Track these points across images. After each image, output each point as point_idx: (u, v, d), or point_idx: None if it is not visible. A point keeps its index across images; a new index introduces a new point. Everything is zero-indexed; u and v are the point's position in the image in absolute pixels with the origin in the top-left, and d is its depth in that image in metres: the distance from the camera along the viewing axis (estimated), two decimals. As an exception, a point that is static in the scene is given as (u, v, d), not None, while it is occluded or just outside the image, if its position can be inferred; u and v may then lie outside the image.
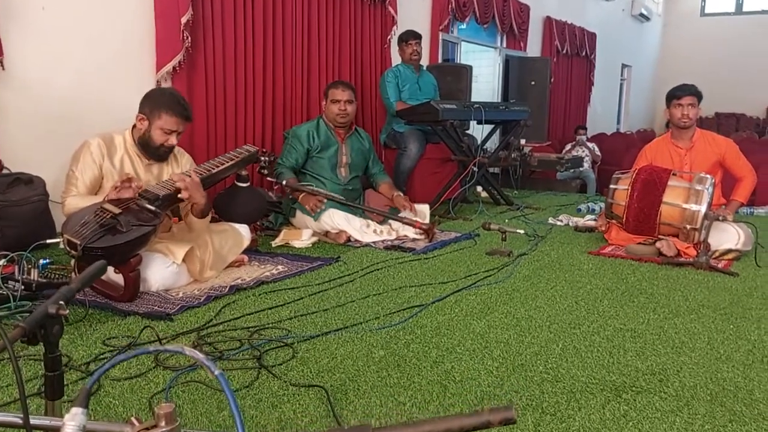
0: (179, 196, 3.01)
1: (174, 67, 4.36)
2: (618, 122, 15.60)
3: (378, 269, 3.47)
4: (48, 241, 3.10)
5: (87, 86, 4.08)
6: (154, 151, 3.12)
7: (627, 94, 15.87)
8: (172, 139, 3.08)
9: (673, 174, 3.96)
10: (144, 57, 4.34)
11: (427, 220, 4.47)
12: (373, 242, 4.11)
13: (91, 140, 3.05)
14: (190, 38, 4.39)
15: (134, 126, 3.13)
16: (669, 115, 4.29)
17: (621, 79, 15.31)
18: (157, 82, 4.34)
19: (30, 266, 2.76)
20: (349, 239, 4.14)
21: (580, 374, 2.11)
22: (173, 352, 1.31)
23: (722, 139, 4.33)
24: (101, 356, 2.17)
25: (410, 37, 5.80)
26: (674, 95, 4.24)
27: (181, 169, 3.28)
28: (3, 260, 2.73)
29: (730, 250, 3.88)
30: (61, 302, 1.13)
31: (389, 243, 4.11)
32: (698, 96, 4.22)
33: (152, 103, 3.06)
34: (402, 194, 4.59)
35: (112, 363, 0.95)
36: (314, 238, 4.13)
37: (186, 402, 1.85)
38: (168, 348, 0.93)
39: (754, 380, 2.10)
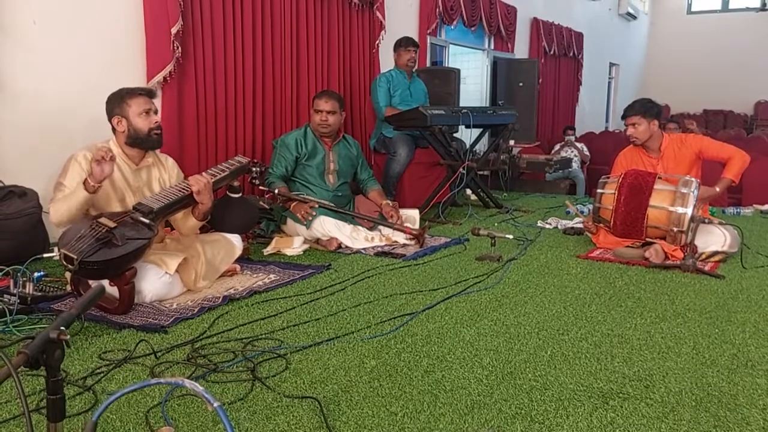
0: (193, 190, 3.11)
1: (164, 77, 4.38)
2: (606, 121, 15.70)
3: (369, 277, 3.51)
4: (45, 255, 3.12)
5: (78, 98, 4.10)
6: (147, 141, 3.16)
7: (615, 93, 15.96)
8: (153, 117, 3.16)
9: (659, 177, 4.02)
10: (134, 68, 4.37)
11: (418, 225, 4.51)
12: (364, 249, 4.15)
13: (78, 153, 3.07)
14: (180, 48, 4.42)
15: (115, 133, 3.17)
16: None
17: (609, 78, 15.41)
18: (148, 92, 4.37)
19: (25, 279, 2.79)
20: (339, 246, 4.17)
21: (568, 381, 2.16)
22: (173, 385, 1.34)
23: (691, 137, 4.42)
24: (97, 370, 2.20)
25: (409, 44, 5.82)
26: (622, 117, 4.40)
27: (168, 172, 3.35)
28: (-1, 274, 2.77)
29: (716, 252, 3.93)
30: (62, 327, 1.17)
31: (379, 249, 4.15)
32: (643, 113, 4.28)
33: (115, 101, 3.13)
34: (390, 203, 4.61)
35: (119, 395, 0.99)
36: (305, 246, 4.16)
37: (181, 415, 1.88)
38: (169, 380, 0.97)
39: (738, 385, 2.15)
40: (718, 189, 4.17)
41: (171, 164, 3.41)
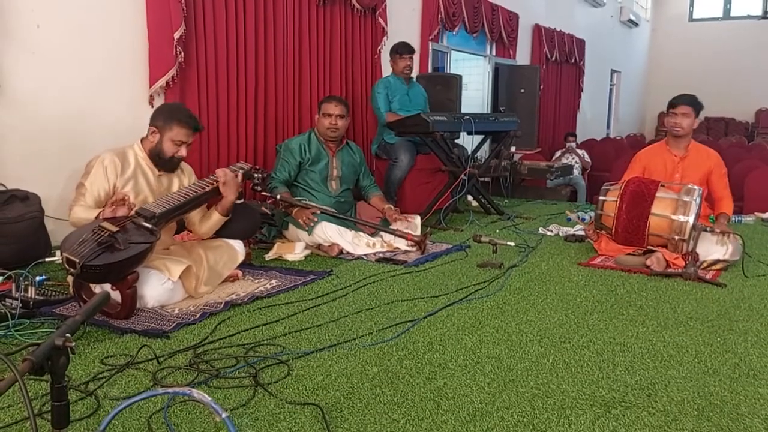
0: (218, 184, 3.26)
1: (167, 82, 4.39)
2: (608, 127, 15.73)
3: (370, 283, 3.51)
4: (47, 259, 3.13)
5: (81, 102, 4.11)
6: (165, 162, 3.24)
7: (616, 100, 16.00)
8: (183, 151, 3.22)
9: (662, 185, 4.02)
10: (137, 72, 4.38)
11: (419, 231, 4.51)
12: (365, 255, 4.15)
13: (105, 155, 3.12)
14: (182, 53, 4.43)
15: (143, 139, 3.24)
16: (666, 123, 4.39)
17: (610, 85, 15.44)
18: (151, 96, 4.38)
19: (27, 283, 2.80)
20: (341, 252, 4.17)
21: (570, 389, 2.16)
22: (181, 395, 1.35)
23: (714, 153, 4.40)
24: (99, 375, 2.20)
25: (404, 51, 5.82)
26: (670, 104, 4.33)
27: (188, 179, 3.42)
28: (1, 278, 2.76)
29: (718, 261, 3.92)
30: (68, 335, 1.17)
31: (381, 255, 4.15)
32: (694, 106, 4.27)
33: (164, 116, 3.20)
34: (393, 207, 4.63)
35: (126, 404, 0.99)
36: (307, 251, 4.16)
37: (184, 421, 1.88)
38: (177, 390, 0.97)
39: (741, 394, 2.15)
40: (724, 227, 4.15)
41: (189, 171, 3.49)
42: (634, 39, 16.55)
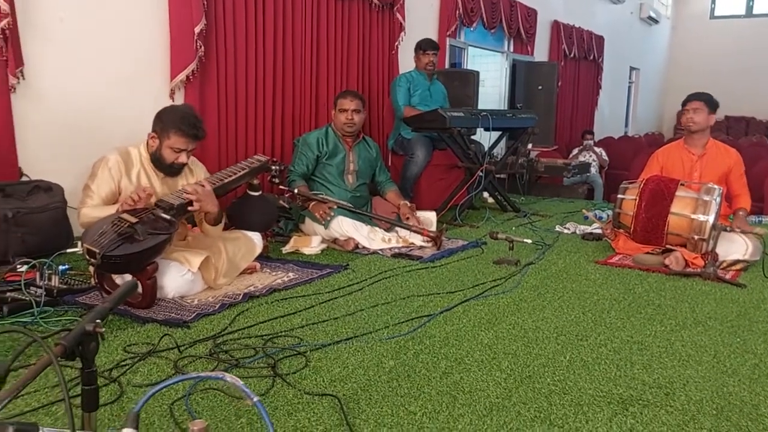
0: (189, 209, 3.10)
1: (187, 76, 4.43)
2: (626, 125, 15.62)
3: (386, 278, 3.52)
4: (68, 250, 3.17)
5: (104, 95, 4.16)
6: (166, 168, 3.18)
7: (635, 98, 15.88)
8: (182, 158, 3.15)
9: (681, 184, 4.01)
10: (159, 66, 4.43)
11: (434, 228, 4.52)
12: (381, 249, 4.17)
13: (110, 155, 3.10)
14: (203, 47, 4.46)
15: (147, 141, 3.20)
16: (681, 120, 4.42)
17: (629, 82, 15.33)
18: (171, 90, 4.42)
19: (51, 272, 2.84)
20: (357, 246, 4.19)
21: (587, 387, 2.17)
22: (214, 379, 1.37)
23: (734, 151, 4.38)
24: (123, 363, 2.23)
25: (429, 47, 5.82)
26: (682, 102, 4.36)
27: (195, 179, 3.34)
28: (25, 267, 2.81)
29: (738, 261, 3.90)
30: (98, 320, 1.20)
31: (396, 251, 4.17)
32: (706, 101, 4.28)
33: (163, 122, 3.11)
34: (408, 203, 4.64)
35: (157, 389, 1.01)
36: (323, 245, 4.19)
37: (205, 409, 1.91)
38: (210, 375, 0.99)
39: (760, 395, 2.14)
40: (744, 225, 4.16)
41: (200, 170, 3.42)
42: (654, 36, 16.41)
